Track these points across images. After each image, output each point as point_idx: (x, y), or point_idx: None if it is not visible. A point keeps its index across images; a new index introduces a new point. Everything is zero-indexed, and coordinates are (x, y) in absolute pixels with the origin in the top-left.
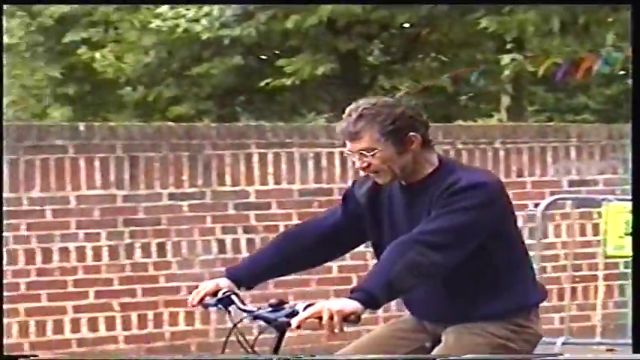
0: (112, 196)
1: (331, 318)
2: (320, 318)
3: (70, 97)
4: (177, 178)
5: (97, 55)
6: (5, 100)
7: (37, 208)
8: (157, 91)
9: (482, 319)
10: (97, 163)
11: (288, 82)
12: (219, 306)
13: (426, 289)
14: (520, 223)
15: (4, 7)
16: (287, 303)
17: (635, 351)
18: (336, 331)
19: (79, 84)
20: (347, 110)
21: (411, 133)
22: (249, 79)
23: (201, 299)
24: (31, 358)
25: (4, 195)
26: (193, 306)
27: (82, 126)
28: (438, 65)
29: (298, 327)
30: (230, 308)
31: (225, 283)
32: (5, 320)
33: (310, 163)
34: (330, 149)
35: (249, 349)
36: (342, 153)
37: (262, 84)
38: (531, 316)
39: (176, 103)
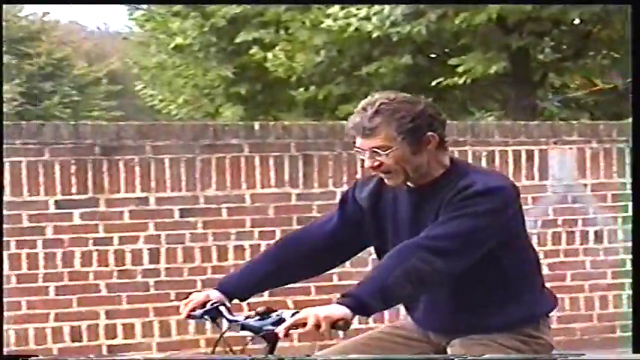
0: (287, 195)
1: (318, 324)
2: (306, 324)
3: (242, 96)
4: (351, 176)
5: (269, 55)
6: (179, 100)
7: (213, 206)
8: (327, 89)
9: (490, 329)
10: (271, 162)
11: (460, 81)
12: (205, 317)
13: (431, 298)
14: None
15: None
16: (275, 311)
17: (635, 351)
18: (324, 336)
19: (250, 83)
20: (362, 104)
21: (429, 133)
22: (418, 77)
23: (191, 311)
24: (32, 358)
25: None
26: (185, 318)
27: (256, 125)
28: (609, 62)
29: (286, 335)
30: (218, 320)
31: (215, 295)
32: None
33: (483, 161)
34: (504, 147)
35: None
36: (515, 152)
37: (434, 83)
38: (541, 326)
39: (346, 102)
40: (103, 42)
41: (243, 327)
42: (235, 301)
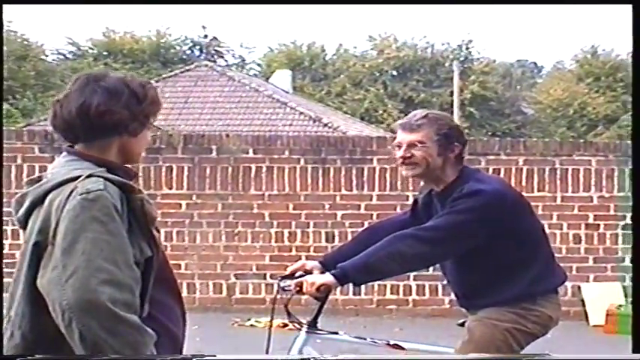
0: None
1: (307, 288)
2: (302, 286)
3: None
4: None
5: None
6: None
7: None
8: None
9: (491, 305)
10: None
11: None
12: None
13: (450, 284)
14: None
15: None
16: (311, 274)
17: (634, 351)
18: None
19: None
20: (412, 112)
21: (456, 143)
22: None
23: (292, 272)
24: (31, 358)
25: None
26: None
27: None
28: None
29: (298, 292)
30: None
31: (311, 265)
32: None
33: None
34: None
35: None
36: None
37: None
38: (539, 301)
39: None
40: None
41: (279, 286)
42: None
